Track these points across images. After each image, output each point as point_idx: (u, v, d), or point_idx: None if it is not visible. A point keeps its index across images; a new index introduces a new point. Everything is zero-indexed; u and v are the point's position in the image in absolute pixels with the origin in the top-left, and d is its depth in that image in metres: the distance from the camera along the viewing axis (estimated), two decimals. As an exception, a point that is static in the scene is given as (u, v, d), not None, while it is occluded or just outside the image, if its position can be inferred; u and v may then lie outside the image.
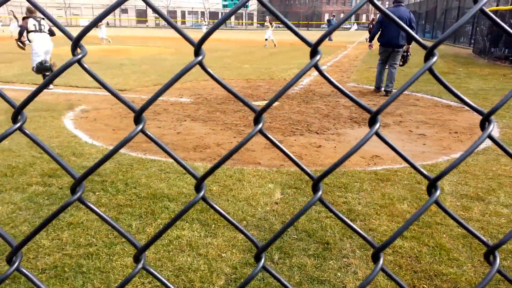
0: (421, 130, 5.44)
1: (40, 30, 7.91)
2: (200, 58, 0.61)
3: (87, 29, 0.58)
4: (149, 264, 2.33)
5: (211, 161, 4.10)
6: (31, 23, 7.81)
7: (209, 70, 0.62)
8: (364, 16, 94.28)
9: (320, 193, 0.70)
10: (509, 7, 14.89)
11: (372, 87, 8.80)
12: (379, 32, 7.81)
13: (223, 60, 13.88)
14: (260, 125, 0.67)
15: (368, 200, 3.22)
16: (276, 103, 7.13)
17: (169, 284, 0.67)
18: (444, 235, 2.73)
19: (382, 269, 0.65)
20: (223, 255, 2.46)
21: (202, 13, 76.35)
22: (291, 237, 2.68)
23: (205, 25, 29.64)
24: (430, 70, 0.65)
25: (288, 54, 17.34)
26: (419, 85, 9.07)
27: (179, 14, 73.25)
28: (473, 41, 20.50)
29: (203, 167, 3.87)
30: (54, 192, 3.28)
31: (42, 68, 7.81)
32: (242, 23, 76.70)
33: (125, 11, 70.28)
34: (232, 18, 79.18)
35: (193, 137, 5.03)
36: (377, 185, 3.53)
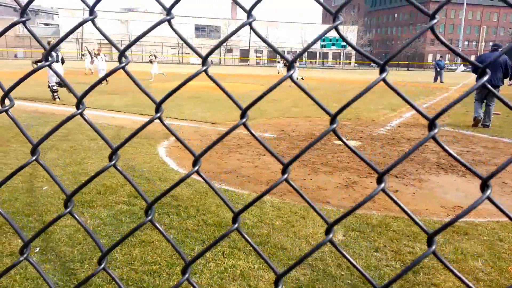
0: (503, 179, 4.91)
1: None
2: (205, 67, 0.79)
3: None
4: (202, 288, 2.48)
5: (280, 196, 4.20)
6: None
7: (213, 77, 0.80)
8: (473, 57, 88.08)
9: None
10: None
11: (469, 132, 8.19)
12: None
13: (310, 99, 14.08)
14: (244, 119, 0.81)
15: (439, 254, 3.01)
16: (357, 144, 7.03)
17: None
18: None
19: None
20: (272, 289, 2.51)
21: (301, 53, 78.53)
22: (345, 282, 2.63)
23: (279, 62, 32.57)
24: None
25: (378, 93, 16.93)
26: (525, 133, 8.19)
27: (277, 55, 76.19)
28: None
29: (270, 201, 3.98)
30: (136, 211, 3.66)
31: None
32: (340, 63, 76.99)
33: (229, 50, 75.47)
34: (330, 57, 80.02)
35: (268, 172, 5.19)
36: (451, 237, 3.28)
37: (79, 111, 0.88)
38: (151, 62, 23.97)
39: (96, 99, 11.96)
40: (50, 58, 0.84)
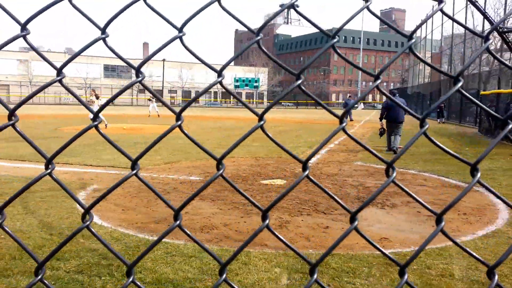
0: (428, 211, 5.42)
1: None
2: (179, 122, 0.86)
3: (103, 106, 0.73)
4: None
5: (217, 243, 4.10)
6: None
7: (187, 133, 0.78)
8: (370, 96, 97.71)
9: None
10: (509, 90, 15.44)
11: (379, 166, 8.92)
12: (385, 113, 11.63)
13: (233, 138, 14.31)
14: (221, 171, 0.83)
15: (377, 287, 3.15)
16: (283, 182, 7.23)
17: None
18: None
19: None
20: None
21: (216, 93, 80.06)
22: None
23: (150, 100, 31.11)
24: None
25: (295, 132, 17.83)
26: (426, 164, 9.16)
27: (193, 94, 76.93)
28: (478, 120, 20.92)
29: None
30: (61, 276, 3.28)
31: None
32: (253, 102, 79.86)
33: (142, 91, 74.05)
34: (244, 97, 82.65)
35: (200, 217, 5.06)
36: (386, 270, 3.46)
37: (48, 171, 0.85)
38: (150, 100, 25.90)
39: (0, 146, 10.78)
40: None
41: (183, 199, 5.93)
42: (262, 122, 0.86)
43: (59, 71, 0.87)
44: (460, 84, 0.82)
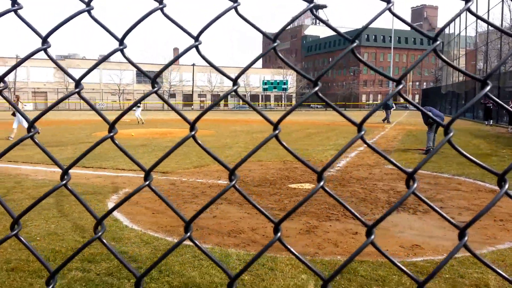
0: (463, 217, 5.22)
1: None
2: (193, 133, 0.86)
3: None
4: None
5: (244, 247, 4.10)
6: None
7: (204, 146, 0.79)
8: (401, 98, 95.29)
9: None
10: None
11: (411, 169, 8.70)
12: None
13: (260, 142, 14.31)
14: (233, 183, 0.82)
15: (406, 296, 3.06)
16: (311, 186, 7.16)
17: None
18: None
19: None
20: None
21: (244, 96, 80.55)
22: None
23: (138, 107, 26.73)
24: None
25: (325, 135, 17.64)
26: (461, 168, 8.84)
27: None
28: (517, 120, 20.00)
29: (236, 254, 3.87)
30: (92, 278, 3.38)
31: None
32: (282, 105, 79.72)
33: (173, 95, 75.50)
34: (272, 99, 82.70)
35: (228, 221, 5.09)
36: (417, 278, 3.35)
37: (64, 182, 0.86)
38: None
39: (33, 153, 11.24)
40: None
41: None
42: (276, 132, 0.85)
43: (78, 83, 0.89)
44: (488, 88, 0.76)
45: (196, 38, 0.86)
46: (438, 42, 0.79)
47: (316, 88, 0.85)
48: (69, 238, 4.36)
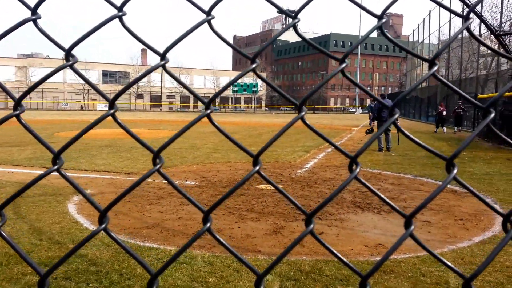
0: (426, 216, 5.35)
1: None
2: (208, 111, 0.79)
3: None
4: None
5: (209, 249, 4.02)
6: None
7: (215, 122, 0.74)
8: (368, 101, 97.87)
9: (311, 226, 0.74)
10: (508, 93, 15.40)
11: (376, 170, 8.87)
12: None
13: (229, 143, 14.23)
14: (257, 167, 0.76)
15: (370, 294, 3.08)
16: (280, 186, 7.15)
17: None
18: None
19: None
20: None
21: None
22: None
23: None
24: (394, 123, 0.76)
25: (293, 137, 17.75)
26: (423, 169, 9.10)
27: (191, 99, 76.87)
28: (476, 125, 20.90)
29: (201, 256, 3.79)
30: (49, 282, 3.20)
31: None
32: (252, 107, 79.86)
33: (140, 96, 74.05)
34: (242, 102, 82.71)
35: (194, 222, 4.99)
36: (380, 277, 3.40)
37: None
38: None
39: (-9, 152, 10.69)
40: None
41: (177, 204, 5.87)
42: (303, 113, 0.79)
43: (68, 52, 0.76)
44: (435, 68, 0.73)
45: (163, 56, 0.78)
46: (435, 67, 0.75)
47: (302, 114, 0.79)
48: (25, 241, 4.13)
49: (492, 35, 14.01)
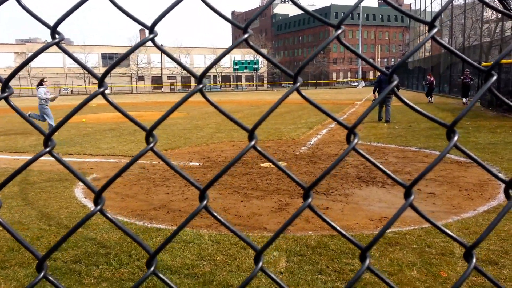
0: (430, 188, 5.37)
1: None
2: (201, 86, 0.73)
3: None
4: None
5: (216, 228, 4.08)
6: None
7: (208, 97, 0.72)
8: (371, 73, 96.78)
9: (310, 200, 0.74)
10: (510, 60, 15.16)
11: (380, 144, 8.86)
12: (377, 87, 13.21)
13: (232, 123, 14.20)
14: (253, 141, 0.75)
15: (376, 268, 3.12)
16: (284, 164, 7.19)
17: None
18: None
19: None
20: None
21: (215, 77, 79.49)
22: (296, 311, 2.59)
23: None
24: (393, 91, 0.76)
25: (296, 113, 17.70)
26: (427, 141, 9.08)
27: (192, 79, 76.39)
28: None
29: (208, 235, 3.84)
30: (59, 266, 3.27)
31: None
32: (253, 85, 79.31)
33: (141, 78, 73.63)
34: (243, 80, 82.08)
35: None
36: (385, 249, 3.44)
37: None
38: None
39: (-4, 140, 10.75)
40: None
41: (183, 185, 5.91)
42: (297, 84, 0.75)
43: (100, 82, 0.74)
44: (435, 30, 0.70)
45: (151, 29, 0.74)
46: (435, 30, 0.70)
47: (297, 85, 0.75)
48: (34, 227, 4.20)
49: None
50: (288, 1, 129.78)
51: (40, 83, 11.86)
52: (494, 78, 0.70)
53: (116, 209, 4.84)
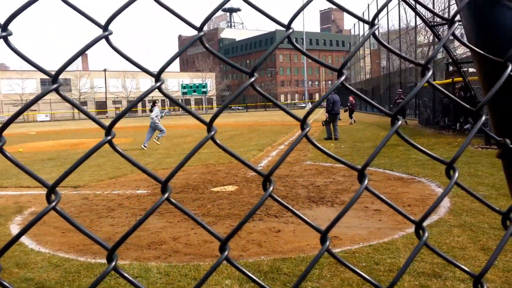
0: (376, 205, 5.56)
1: None
2: (212, 133, 0.66)
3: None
4: None
5: (166, 259, 3.92)
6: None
7: (221, 144, 0.65)
8: (317, 95, 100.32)
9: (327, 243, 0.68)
10: (441, 81, 16.38)
11: (328, 164, 9.09)
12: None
13: (182, 146, 13.99)
14: (212, 133, 0.67)
15: (328, 288, 3.13)
16: (234, 188, 7.13)
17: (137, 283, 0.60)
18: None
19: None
20: None
21: (163, 101, 78.34)
22: None
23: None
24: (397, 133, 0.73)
25: (247, 136, 17.82)
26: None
27: (139, 104, 74.78)
28: (418, 112, 22.07)
29: (156, 267, 3.68)
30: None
31: None
32: (203, 108, 79.17)
33: (84, 103, 71.01)
34: (192, 103, 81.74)
35: (148, 233, 4.84)
36: (336, 270, 3.47)
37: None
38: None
39: None
40: None
41: (129, 215, 5.67)
42: (212, 133, 0.68)
43: (55, 78, 0.63)
44: (376, 27, 0.71)
45: (105, 28, 0.67)
46: (376, 27, 0.73)
47: (252, 79, 0.71)
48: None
49: (427, 27, 14.80)
50: (234, 26, 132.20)
51: (154, 104, 14.39)
52: (483, 118, 0.71)
53: (56, 245, 4.52)
